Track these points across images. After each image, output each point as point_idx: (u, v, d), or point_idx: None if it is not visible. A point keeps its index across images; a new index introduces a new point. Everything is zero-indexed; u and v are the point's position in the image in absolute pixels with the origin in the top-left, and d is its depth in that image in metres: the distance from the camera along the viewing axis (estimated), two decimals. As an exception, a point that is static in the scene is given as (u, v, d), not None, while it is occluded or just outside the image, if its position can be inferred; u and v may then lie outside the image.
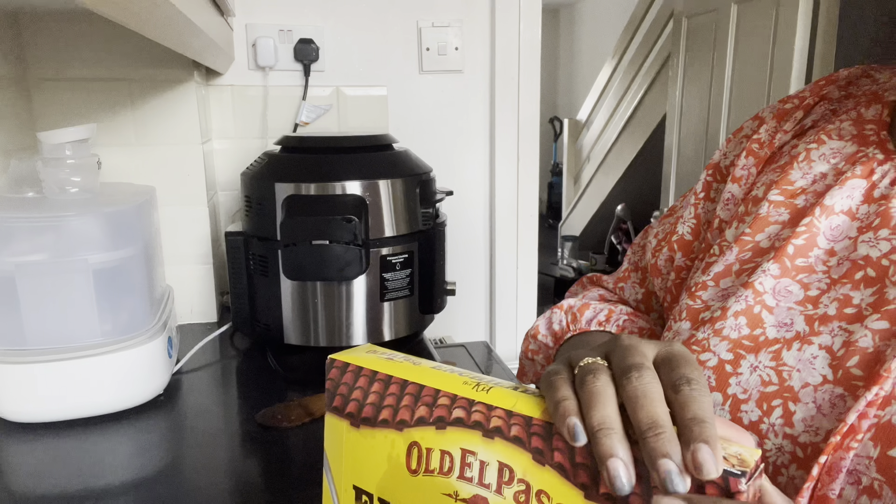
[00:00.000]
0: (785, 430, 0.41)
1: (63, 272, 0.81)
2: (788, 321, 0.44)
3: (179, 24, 0.66)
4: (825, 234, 0.46)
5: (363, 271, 0.96)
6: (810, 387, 0.41)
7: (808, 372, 0.42)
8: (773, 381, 0.43)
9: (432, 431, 0.36)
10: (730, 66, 2.23)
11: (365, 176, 0.96)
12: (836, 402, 0.40)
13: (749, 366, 0.44)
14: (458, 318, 1.60)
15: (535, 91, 1.55)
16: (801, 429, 0.40)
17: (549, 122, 6.02)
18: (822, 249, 0.46)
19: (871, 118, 0.50)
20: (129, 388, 0.86)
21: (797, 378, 0.42)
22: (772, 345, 0.44)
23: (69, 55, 1.08)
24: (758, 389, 0.43)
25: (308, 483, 0.72)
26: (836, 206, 0.46)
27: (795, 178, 0.50)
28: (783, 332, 0.44)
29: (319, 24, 1.39)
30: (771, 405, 0.42)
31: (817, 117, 0.55)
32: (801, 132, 0.55)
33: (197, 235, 1.19)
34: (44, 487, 0.71)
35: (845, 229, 0.46)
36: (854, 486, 0.37)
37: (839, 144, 0.50)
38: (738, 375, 0.44)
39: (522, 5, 1.49)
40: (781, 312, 0.45)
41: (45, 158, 0.84)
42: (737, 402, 0.43)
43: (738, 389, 0.43)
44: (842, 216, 0.46)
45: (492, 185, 1.57)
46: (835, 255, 0.46)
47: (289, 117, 1.40)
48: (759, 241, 0.49)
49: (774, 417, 0.41)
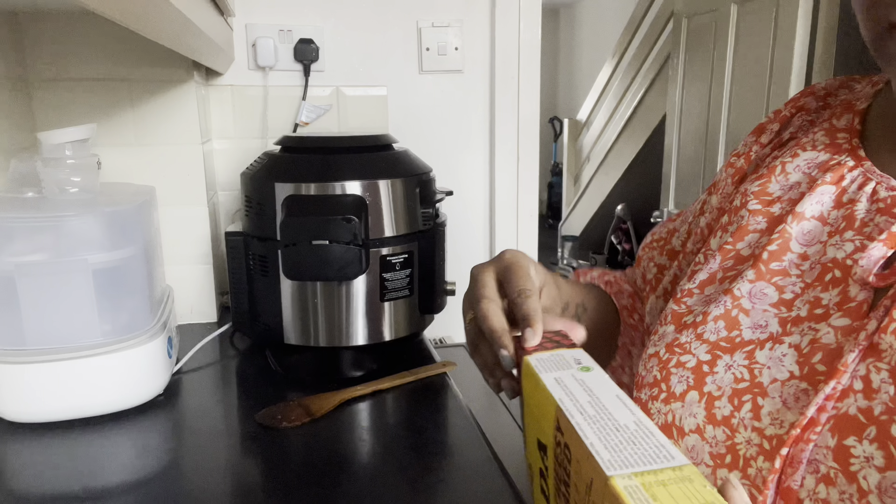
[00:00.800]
0: (753, 423, 0.43)
1: (63, 272, 0.81)
2: (763, 323, 0.47)
3: (179, 24, 0.66)
4: (797, 239, 0.48)
5: (363, 271, 0.96)
6: (778, 382, 0.43)
7: (778, 369, 0.44)
8: (744, 378, 0.45)
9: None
10: (730, 66, 2.22)
11: (365, 176, 0.96)
12: (800, 395, 0.42)
13: (724, 365, 0.46)
14: (458, 318, 1.59)
15: (535, 91, 1.54)
16: (767, 422, 0.43)
17: (549, 122, 6.02)
18: (796, 254, 0.48)
19: (843, 127, 0.52)
20: (129, 388, 0.86)
21: (766, 374, 0.44)
22: (747, 345, 0.46)
23: (69, 55, 1.08)
24: (731, 386, 0.45)
25: (308, 483, 0.72)
26: (807, 211, 0.48)
27: (773, 190, 0.52)
28: (758, 334, 0.46)
29: (319, 24, 1.39)
30: (741, 400, 0.44)
31: (795, 129, 0.57)
32: (779, 144, 0.57)
33: (197, 235, 1.19)
34: (44, 487, 0.72)
35: (817, 234, 0.48)
36: (813, 476, 0.39)
37: (812, 155, 0.52)
38: (713, 374, 0.46)
39: (522, 5, 1.48)
40: (757, 315, 0.47)
41: (45, 158, 0.84)
42: (711, 399, 0.45)
43: (713, 387, 0.46)
44: (813, 221, 0.48)
45: (492, 185, 1.57)
46: (808, 260, 0.47)
47: (289, 117, 1.40)
48: (739, 250, 0.51)
49: (744, 412, 0.44)
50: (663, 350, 0.50)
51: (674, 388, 0.47)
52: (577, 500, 0.35)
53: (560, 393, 0.39)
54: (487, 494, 0.71)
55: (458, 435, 0.84)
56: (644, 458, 0.32)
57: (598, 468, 0.31)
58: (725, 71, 2.24)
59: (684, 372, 0.47)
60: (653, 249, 0.70)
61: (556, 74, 6.23)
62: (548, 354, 0.45)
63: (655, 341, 0.52)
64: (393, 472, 0.75)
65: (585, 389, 0.39)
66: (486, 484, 0.73)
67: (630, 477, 0.30)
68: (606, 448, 0.33)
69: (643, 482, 0.30)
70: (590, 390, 0.39)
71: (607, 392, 0.39)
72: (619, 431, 0.34)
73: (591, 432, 0.34)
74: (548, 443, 0.40)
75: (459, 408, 0.90)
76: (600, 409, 0.37)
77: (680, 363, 0.48)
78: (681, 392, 0.47)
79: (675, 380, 0.48)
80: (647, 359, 0.51)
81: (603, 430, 0.35)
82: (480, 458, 0.78)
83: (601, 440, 0.34)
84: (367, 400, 0.92)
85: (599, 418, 0.36)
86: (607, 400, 0.38)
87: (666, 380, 0.48)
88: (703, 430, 0.45)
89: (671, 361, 0.49)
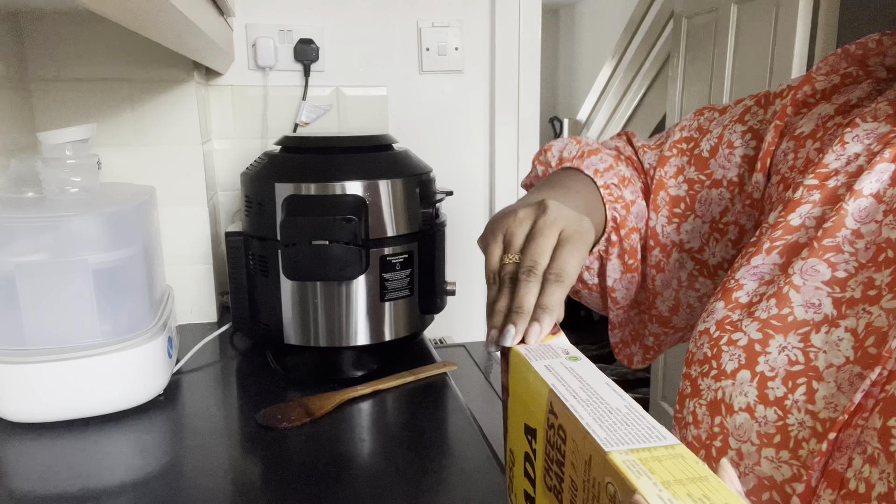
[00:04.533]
0: (807, 406, 0.43)
1: (63, 272, 0.81)
2: (816, 301, 0.46)
3: (179, 24, 0.66)
4: (853, 216, 0.47)
5: (363, 271, 0.96)
6: (833, 367, 0.43)
7: (834, 353, 0.44)
8: (799, 361, 0.45)
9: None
10: (730, 66, 2.22)
11: (365, 176, 0.96)
12: (854, 380, 0.42)
13: (778, 346, 0.46)
14: (458, 318, 1.60)
15: (535, 91, 1.54)
16: (821, 405, 0.43)
17: (549, 122, 6.02)
18: (850, 230, 0.47)
19: None
20: (129, 388, 0.86)
21: (822, 359, 0.44)
22: (800, 326, 0.46)
23: (69, 55, 1.07)
24: (784, 368, 0.45)
25: (308, 483, 0.72)
26: (865, 189, 0.48)
27: (829, 161, 0.51)
28: (811, 314, 0.46)
29: (319, 24, 1.39)
30: (796, 383, 0.44)
31: (863, 94, 0.56)
32: (844, 109, 0.56)
33: (197, 235, 1.19)
34: (44, 487, 0.71)
35: (872, 212, 0.47)
36: (861, 456, 0.40)
37: (873, 125, 0.51)
38: (766, 354, 0.46)
39: (522, 5, 1.48)
40: (808, 292, 0.47)
41: (45, 158, 0.84)
42: (764, 379, 0.45)
43: (766, 367, 0.46)
44: (870, 199, 0.48)
45: (492, 186, 1.57)
46: (862, 238, 0.47)
47: (289, 117, 1.40)
48: (790, 221, 0.51)
49: (798, 394, 0.44)
50: (713, 327, 0.50)
51: (724, 365, 0.47)
52: (573, 477, 0.36)
53: (552, 379, 0.41)
54: (487, 494, 0.71)
55: (458, 435, 0.84)
56: (638, 437, 0.33)
57: (596, 445, 0.33)
58: (725, 71, 2.24)
59: (736, 350, 0.47)
60: (682, 154, 0.67)
61: (556, 74, 6.23)
62: (535, 344, 0.47)
63: (705, 318, 0.51)
64: (393, 471, 0.75)
65: (576, 376, 0.41)
66: (486, 484, 0.73)
67: (627, 453, 0.32)
68: (602, 428, 0.34)
69: (639, 458, 0.31)
70: (580, 377, 0.41)
71: (596, 380, 0.41)
72: (612, 414, 0.36)
73: (586, 414, 0.36)
74: (538, 426, 0.41)
75: (459, 408, 0.90)
76: (592, 394, 0.38)
77: (731, 341, 0.48)
78: (732, 370, 0.47)
79: (726, 357, 0.48)
80: (698, 335, 0.51)
81: (597, 412, 0.36)
82: (480, 458, 0.78)
83: (596, 421, 0.35)
84: (367, 400, 0.92)
85: (592, 402, 0.37)
86: (598, 386, 0.39)
87: (717, 357, 0.48)
88: (753, 409, 0.45)
89: (722, 339, 0.48)
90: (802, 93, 0.58)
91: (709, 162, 0.64)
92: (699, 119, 0.69)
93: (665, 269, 0.68)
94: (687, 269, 0.67)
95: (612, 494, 0.31)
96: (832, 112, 0.56)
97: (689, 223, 0.66)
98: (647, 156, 0.71)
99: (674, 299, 0.69)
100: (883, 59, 0.56)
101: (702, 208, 0.65)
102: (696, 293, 0.67)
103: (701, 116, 0.69)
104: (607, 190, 0.65)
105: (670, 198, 0.67)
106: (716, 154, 0.64)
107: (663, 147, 0.69)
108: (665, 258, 0.68)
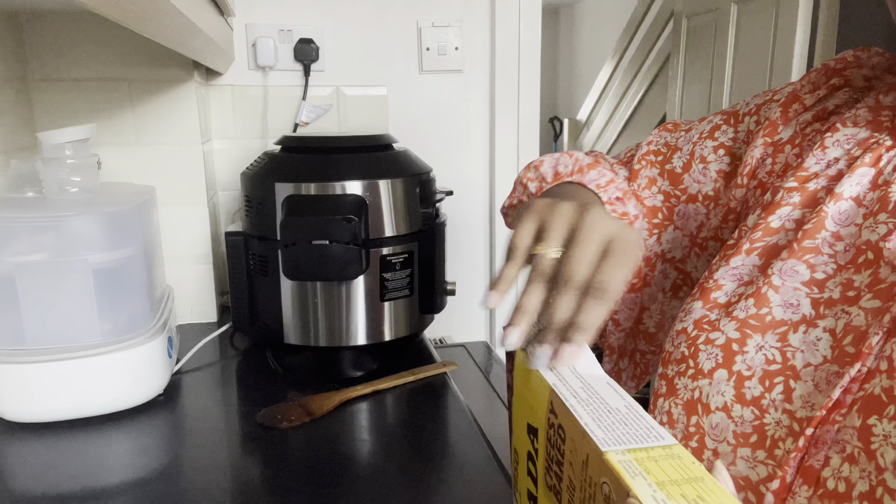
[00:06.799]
0: (784, 405, 0.43)
1: (63, 272, 0.81)
2: (794, 302, 0.46)
3: (179, 24, 0.66)
4: (833, 218, 0.48)
5: (363, 271, 0.96)
6: (811, 366, 0.43)
7: (812, 353, 0.44)
8: (776, 361, 0.45)
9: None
10: (730, 66, 2.22)
11: (365, 176, 0.96)
12: (832, 378, 0.42)
13: (755, 345, 0.46)
14: (458, 318, 1.60)
15: (535, 91, 1.54)
16: (798, 404, 0.43)
17: (549, 122, 6.02)
18: (829, 232, 0.48)
19: (889, 105, 0.52)
20: (129, 388, 0.86)
21: (800, 358, 0.44)
22: (779, 326, 0.46)
23: (69, 55, 1.08)
24: (762, 367, 0.45)
25: (308, 483, 0.72)
26: (845, 192, 0.48)
27: (810, 165, 0.52)
28: (789, 314, 0.46)
29: (319, 24, 1.39)
30: (773, 382, 0.44)
31: (840, 102, 0.56)
32: (822, 116, 0.56)
33: (197, 235, 1.19)
34: (44, 487, 0.72)
35: (852, 215, 0.47)
36: (840, 455, 0.40)
37: (853, 131, 0.51)
38: (743, 354, 0.46)
39: (522, 5, 1.48)
40: (787, 292, 0.47)
41: (45, 158, 0.84)
42: (741, 379, 0.45)
43: (743, 367, 0.46)
44: (850, 202, 0.48)
45: (492, 185, 1.57)
46: (841, 241, 0.47)
47: (289, 117, 1.40)
48: (770, 223, 0.51)
49: (775, 393, 0.44)
50: (691, 326, 0.50)
51: (702, 364, 0.47)
52: (571, 477, 0.36)
53: (554, 378, 0.41)
54: (487, 494, 0.71)
55: (458, 435, 0.84)
56: (635, 437, 0.34)
57: (593, 445, 0.33)
58: (725, 71, 2.24)
59: (713, 349, 0.47)
60: (653, 166, 0.67)
61: (556, 74, 6.23)
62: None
63: (682, 317, 0.51)
64: (393, 471, 0.75)
65: (577, 377, 0.41)
66: (486, 484, 0.73)
67: (623, 453, 0.32)
68: (600, 427, 0.35)
69: (636, 458, 0.32)
70: (581, 377, 0.41)
71: (598, 379, 0.41)
72: (611, 413, 0.36)
73: (585, 413, 0.36)
74: (539, 426, 0.42)
75: (459, 408, 0.90)
76: (592, 394, 0.39)
77: (709, 340, 0.48)
78: (709, 369, 0.47)
79: (703, 356, 0.48)
80: (675, 335, 0.51)
81: (596, 412, 0.36)
82: (480, 458, 0.78)
83: (594, 420, 0.35)
84: (367, 400, 0.92)
85: (592, 401, 0.38)
86: (598, 386, 0.40)
87: (694, 356, 0.48)
88: (730, 408, 0.45)
89: (700, 338, 0.49)
90: (793, 110, 0.58)
91: (682, 177, 0.64)
92: (665, 135, 0.69)
93: (651, 282, 0.68)
94: (671, 279, 0.67)
95: (606, 494, 0.31)
96: (810, 118, 0.57)
97: (669, 233, 0.66)
98: (620, 172, 0.71)
99: (659, 312, 0.69)
100: (860, 69, 0.57)
101: (680, 221, 0.65)
102: (680, 304, 0.67)
103: (666, 132, 0.69)
104: (612, 206, 0.64)
105: (647, 209, 0.67)
106: (689, 169, 0.64)
107: (632, 162, 0.69)
108: (650, 271, 0.68)
